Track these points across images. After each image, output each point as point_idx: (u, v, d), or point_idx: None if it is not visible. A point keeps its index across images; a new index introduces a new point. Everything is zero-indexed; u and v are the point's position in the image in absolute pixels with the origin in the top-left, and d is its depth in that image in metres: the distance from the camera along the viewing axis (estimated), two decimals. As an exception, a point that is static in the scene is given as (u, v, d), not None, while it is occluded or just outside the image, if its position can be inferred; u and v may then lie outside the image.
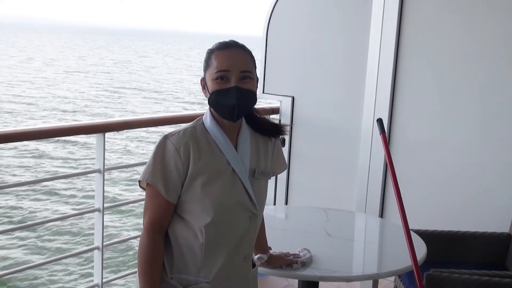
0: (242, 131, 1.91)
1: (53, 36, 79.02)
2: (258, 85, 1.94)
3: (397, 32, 3.73)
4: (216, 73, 1.81)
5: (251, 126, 1.96)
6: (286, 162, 2.16)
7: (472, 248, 3.27)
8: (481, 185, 3.56)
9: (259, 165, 1.93)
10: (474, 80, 3.55)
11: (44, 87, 29.22)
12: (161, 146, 1.82)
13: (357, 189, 4.02)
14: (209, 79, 1.84)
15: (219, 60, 1.82)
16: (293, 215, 3.29)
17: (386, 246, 2.91)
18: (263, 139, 1.99)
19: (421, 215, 3.65)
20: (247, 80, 1.83)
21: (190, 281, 1.84)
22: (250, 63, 1.87)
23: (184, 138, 1.82)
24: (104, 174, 3.30)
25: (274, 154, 2.02)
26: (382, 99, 3.81)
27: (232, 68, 1.81)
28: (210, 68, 1.84)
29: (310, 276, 2.31)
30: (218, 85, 1.82)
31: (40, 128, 3.30)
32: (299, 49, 4.28)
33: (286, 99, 4.29)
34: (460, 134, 3.62)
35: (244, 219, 1.87)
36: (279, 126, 2.01)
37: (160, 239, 1.82)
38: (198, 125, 1.89)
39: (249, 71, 1.84)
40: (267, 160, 1.98)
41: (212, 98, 1.83)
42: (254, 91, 1.86)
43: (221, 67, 1.81)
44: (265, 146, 1.98)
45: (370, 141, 3.89)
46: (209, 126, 1.88)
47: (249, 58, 1.87)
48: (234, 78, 1.81)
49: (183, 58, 55.50)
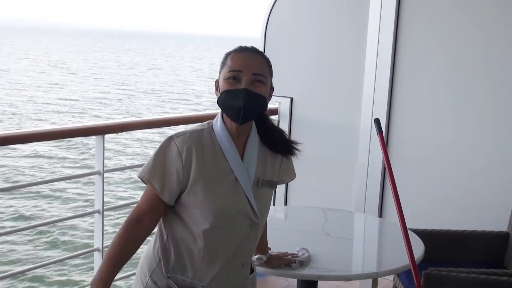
0: (251, 138, 1.89)
1: (56, 39, 78.99)
2: (272, 94, 1.90)
3: (395, 32, 3.74)
4: (229, 72, 1.80)
5: (262, 137, 1.93)
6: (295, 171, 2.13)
7: (470, 247, 3.28)
8: (479, 184, 3.58)
9: (264, 175, 1.91)
10: (472, 80, 3.57)
11: (53, 89, 29.30)
12: (165, 146, 1.80)
13: (356, 189, 4.04)
14: (222, 79, 1.83)
15: (233, 60, 1.81)
16: (292, 215, 3.30)
17: (385, 245, 2.92)
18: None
19: (420, 215, 3.66)
20: (259, 84, 1.81)
21: (186, 283, 1.85)
22: (265, 68, 1.84)
23: (188, 141, 1.80)
24: (103, 176, 3.31)
25: (282, 164, 1.99)
26: (380, 99, 3.83)
27: (245, 69, 1.79)
28: (224, 68, 1.83)
29: (309, 276, 2.32)
30: (228, 85, 1.80)
31: (39, 131, 3.31)
32: (297, 50, 4.29)
33: (285, 100, 4.30)
34: (457, 133, 3.63)
35: (244, 227, 1.86)
36: (291, 146, 1.97)
37: (138, 231, 1.78)
38: (206, 129, 1.86)
39: (262, 75, 1.82)
40: (274, 170, 1.95)
41: (222, 97, 1.81)
42: (265, 97, 1.83)
43: (233, 67, 1.80)
44: (273, 156, 1.96)
45: (368, 141, 3.90)
46: (218, 130, 1.85)
47: (264, 63, 1.85)
48: (246, 79, 1.79)
49: (188, 59, 55.48)
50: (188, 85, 34.30)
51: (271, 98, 1.90)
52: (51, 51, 55.13)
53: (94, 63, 44.40)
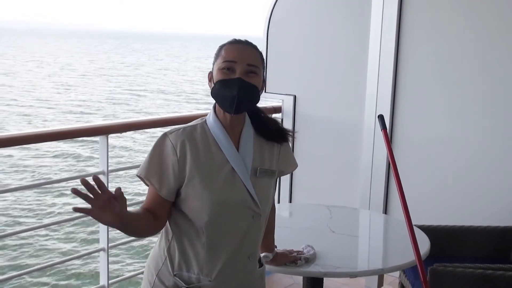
0: (245, 129, 1.91)
1: (59, 41, 79.25)
2: (264, 88, 1.94)
3: (398, 27, 3.73)
4: (223, 63, 1.83)
5: (256, 128, 1.95)
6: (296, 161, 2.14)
7: (476, 243, 3.28)
8: (484, 179, 3.57)
9: (262, 164, 1.92)
10: (476, 75, 3.55)
11: (63, 90, 29.52)
12: (160, 142, 1.84)
13: (360, 186, 4.04)
14: (216, 69, 1.85)
15: (227, 51, 1.84)
16: (297, 212, 3.30)
17: (391, 241, 2.92)
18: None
19: (425, 211, 3.66)
20: (253, 75, 1.84)
21: (192, 279, 1.85)
22: (258, 60, 1.87)
23: (182, 136, 1.83)
24: (108, 176, 3.32)
25: (281, 153, 2.00)
26: (384, 95, 3.82)
27: (239, 59, 1.82)
28: (218, 59, 1.86)
29: (314, 273, 2.33)
30: (222, 75, 1.82)
31: (44, 131, 3.31)
32: (299, 48, 4.29)
33: (288, 98, 4.30)
34: (462, 129, 3.62)
35: (246, 218, 1.87)
36: (283, 132, 2.00)
37: (151, 219, 1.80)
38: (199, 124, 1.90)
39: (256, 66, 1.85)
40: (272, 159, 1.96)
41: (215, 87, 1.84)
42: (258, 87, 1.86)
43: (228, 58, 1.83)
44: (270, 146, 1.97)
45: (372, 137, 3.90)
46: (211, 123, 1.88)
47: (258, 55, 1.88)
48: (240, 70, 1.82)
49: (193, 59, 55.71)
50: (195, 84, 34.52)
51: (263, 91, 1.92)
52: (57, 53, 55.35)
53: (101, 65, 44.70)
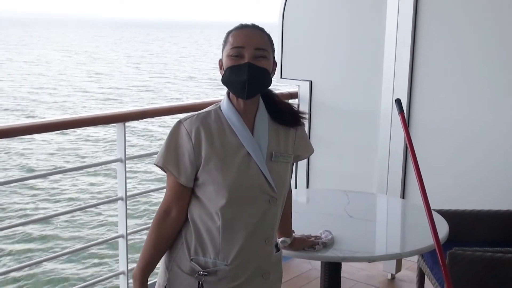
0: (259, 114, 1.91)
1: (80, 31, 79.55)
2: (276, 69, 1.94)
3: (414, 11, 3.69)
4: (231, 49, 1.83)
5: (271, 113, 1.95)
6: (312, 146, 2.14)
7: (495, 227, 3.26)
8: (503, 162, 3.53)
9: (278, 149, 1.92)
10: (494, 58, 3.51)
11: (100, 79, 29.91)
12: (175, 130, 1.85)
13: (377, 171, 4.02)
14: (225, 56, 1.86)
15: (235, 37, 1.85)
16: (314, 198, 3.30)
17: (408, 226, 2.91)
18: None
19: (443, 195, 3.63)
20: (262, 59, 1.84)
21: (208, 264, 1.86)
22: (267, 43, 1.87)
23: (196, 122, 1.85)
24: (125, 163, 3.33)
25: (297, 138, 2.00)
26: (401, 79, 3.79)
27: (247, 44, 1.82)
28: (226, 46, 1.86)
29: (332, 257, 2.33)
30: (232, 61, 1.83)
31: (60, 120, 3.32)
32: (315, 33, 4.26)
33: (304, 84, 4.29)
34: (479, 112, 3.58)
35: (262, 202, 1.87)
36: (297, 115, 1.99)
37: (168, 224, 1.87)
38: (213, 110, 1.90)
39: (264, 49, 1.85)
40: (288, 144, 1.96)
41: (226, 74, 1.85)
42: (268, 70, 1.86)
43: (236, 44, 1.83)
44: (285, 130, 1.97)
45: (389, 122, 3.87)
46: (225, 109, 1.89)
47: (266, 38, 1.88)
48: (248, 54, 1.82)
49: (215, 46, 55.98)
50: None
51: (275, 72, 1.92)
52: (80, 43, 55.64)
53: (126, 53, 45.07)
